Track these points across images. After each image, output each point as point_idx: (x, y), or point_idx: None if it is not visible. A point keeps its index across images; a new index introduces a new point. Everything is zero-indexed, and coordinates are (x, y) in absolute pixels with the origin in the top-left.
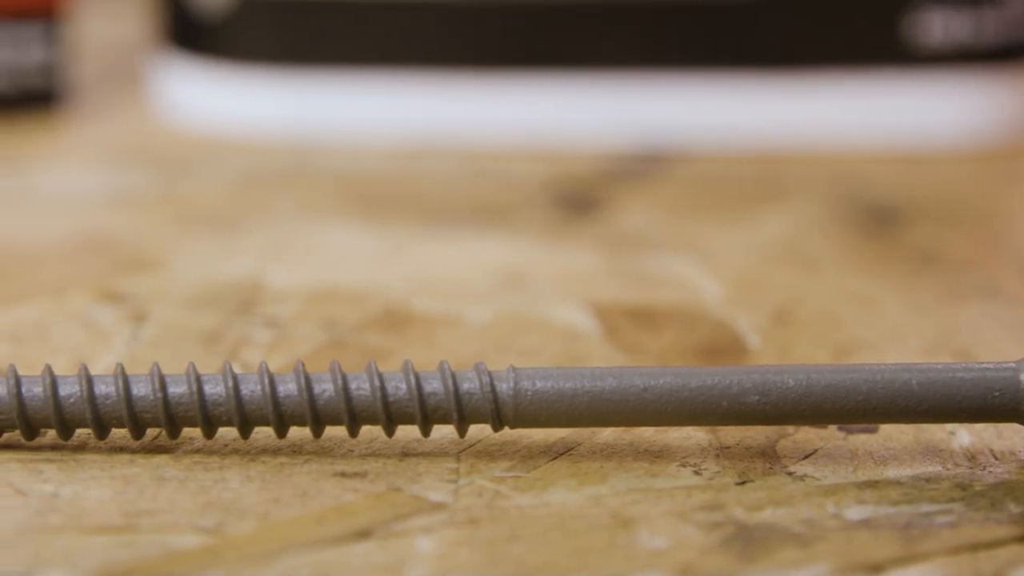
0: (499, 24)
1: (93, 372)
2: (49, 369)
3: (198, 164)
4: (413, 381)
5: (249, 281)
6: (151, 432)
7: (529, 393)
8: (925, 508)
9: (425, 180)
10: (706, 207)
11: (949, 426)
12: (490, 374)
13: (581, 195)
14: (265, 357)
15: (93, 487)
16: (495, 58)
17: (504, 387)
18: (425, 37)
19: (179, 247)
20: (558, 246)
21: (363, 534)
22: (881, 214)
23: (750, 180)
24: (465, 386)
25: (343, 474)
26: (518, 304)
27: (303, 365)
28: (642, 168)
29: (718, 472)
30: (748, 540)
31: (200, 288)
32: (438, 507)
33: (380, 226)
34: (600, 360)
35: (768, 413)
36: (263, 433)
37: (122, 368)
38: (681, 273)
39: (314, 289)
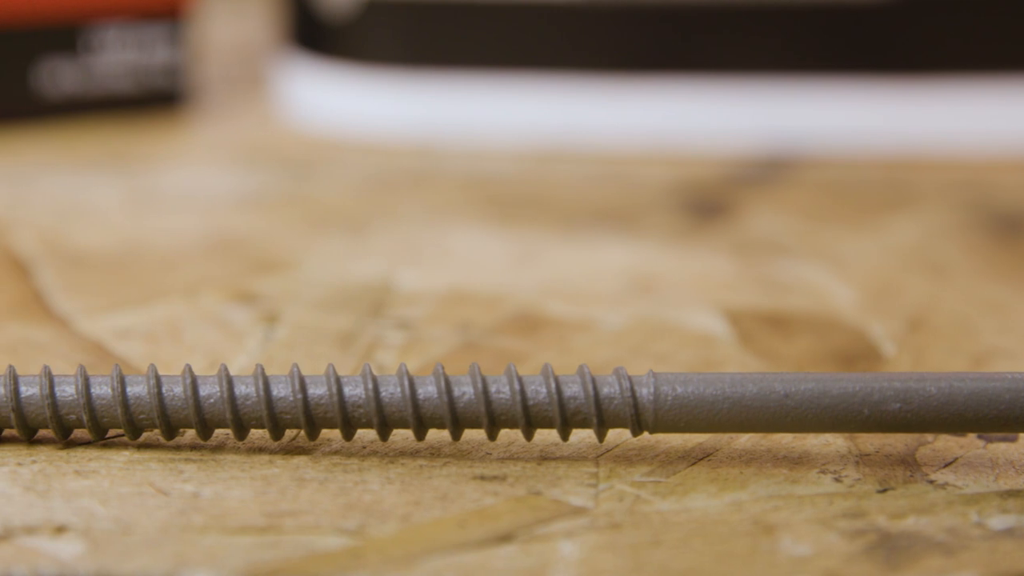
0: (627, 28)
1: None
2: (189, 369)
3: (324, 165)
4: (553, 385)
5: (380, 283)
6: (289, 433)
7: (669, 398)
8: None
9: (553, 183)
10: (836, 213)
11: None
12: (630, 379)
13: (710, 200)
14: (399, 359)
15: (234, 487)
16: (622, 62)
17: (644, 392)
18: (551, 40)
19: (309, 248)
20: (688, 251)
21: (505, 538)
22: (1013, 221)
23: (880, 186)
24: (605, 390)
25: (482, 477)
26: (650, 309)
27: (442, 367)
28: (771, 173)
29: (859, 479)
30: (892, 548)
31: (331, 289)
32: (579, 511)
33: (509, 229)
34: (735, 366)
35: (909, 421)
36: (401, 435)
37: (262, 369)
38: (812, 279)
39: (445, 291)
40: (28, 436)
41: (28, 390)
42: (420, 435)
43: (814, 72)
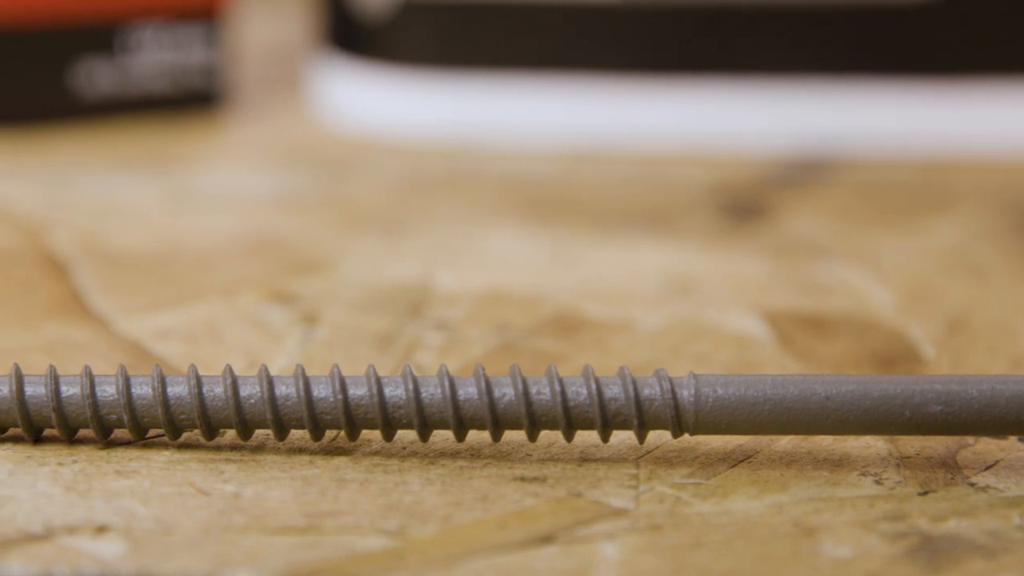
0: (663, 28)
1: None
2: (230, 369)
3: (360, 166)
4: (594, 386)
5: (418, 283)
6: (329, 433)
7: (710, 400)
8: None
9: (589, 184)
10: (873, 214)
11: None
12: (671, 380)
13: (746, 201)
14: (438, 360)
15: (274, 487)
16: (659, 62)
17: (685, 394)
18: (587, 41)
19: (346, 248)
20: (725, 252)
21: (546, 539)
22: None
23: (917, 188)
24: (646, 392)
25: (523, 478)
26: (688, 310)
27: (483, 369)
28: (808, 175)
29: (899, 482)
30: (934, 551)
31: (369, 290)
32: (620, 513)
33: (545, 230)
34: (774, 368)
35: (950, 424)
36: (441, 436)
37: (302, 369)
38: (851, 281)
39: (483, 292)
40: (69, 436)
41: (69, 390)
42: (460, 436)
43: (852, 73)
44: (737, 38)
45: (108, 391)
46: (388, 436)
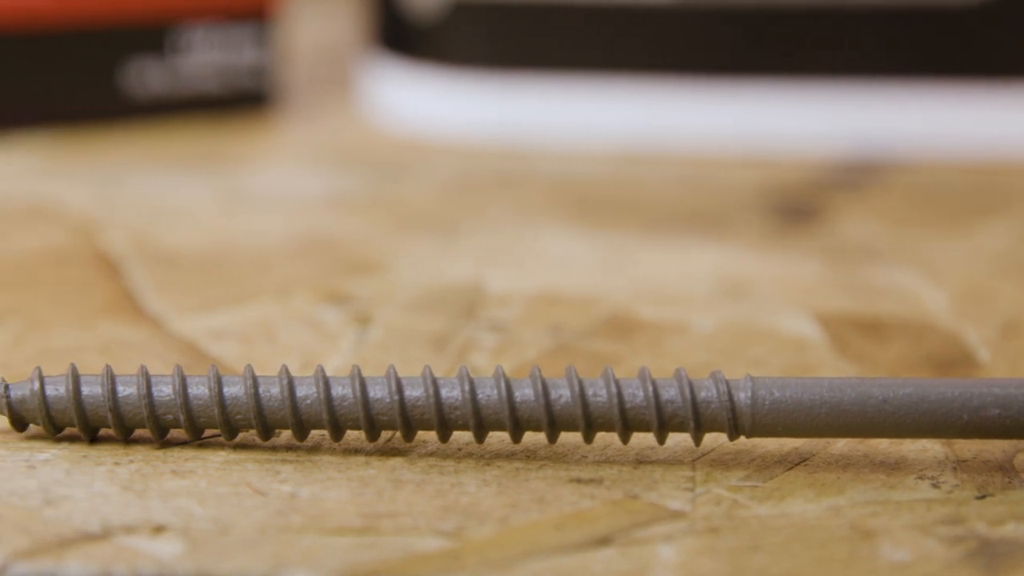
0: (715, 30)
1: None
2: (286, 370)
3: (411, 167)
4: (650, 388)
5: (471, 284)
6: (384, 434)
7: (767, 403)
8: None
9: (640, 186)
10: (926, 217)
11: None
12: (727, 383)
13: (798, 203)
14: (492, 361)
15: (331, 488)
16: (710, 64)
17: (742, 396)
18: (638, 42)
19: (398, 249)
20: (778, 255)
21: (604, 541)
22: None
23: (970, 190)
24: (702, 394)
25: (579, 480)
26: (742, 313)
27: (539, 370)
28: (860, 177)
29: (956, 485)
30: (992, 555)
31: (423, 291)
32: (677, 515)
33: (597, 231)
34: (829, 371)
35: (1008, 427)
36: (496, 437)
37: (358, 370)
38: (905, 284)
39: (536, 294)
40: (125, 436)
41: (125, 390)
42: (516, 438)
43: (904, 75)
44: (789, 40)
45: (165, 391)
46: (444, 437)
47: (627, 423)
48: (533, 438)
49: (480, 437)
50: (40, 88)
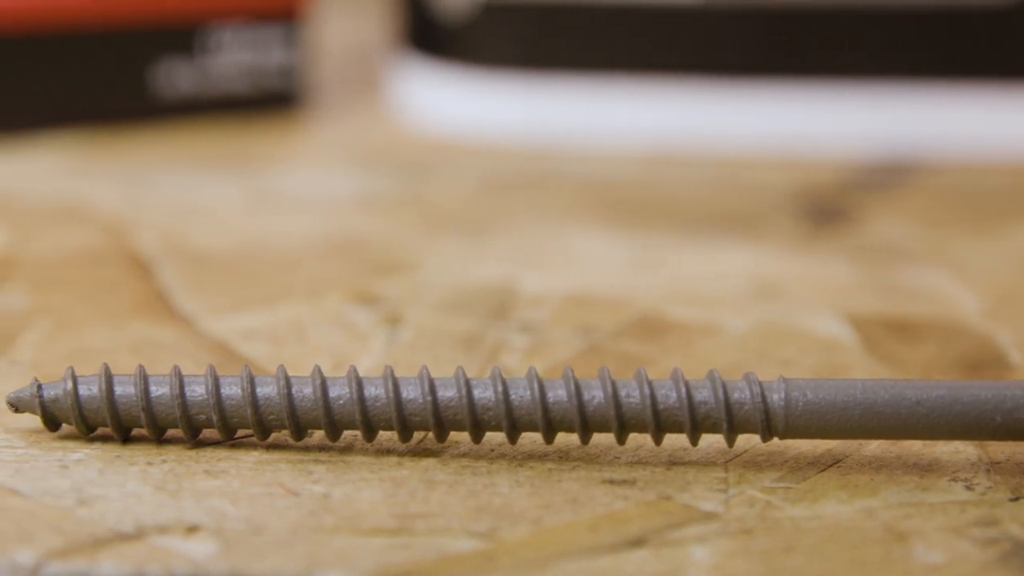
0: (746, 31)
1: None
2: (319, 370)
3: (441, 167)
4: (683, 390)
5: (501, 285)
6: (417, 435)
7: (800, 404)
8: None
9: (671, 187)
10: (958, 219)
11: None
12: (760, 384)
13: (829, 205)
14: (523, 362)
15: (364, 488)
16: (741, 65)
17: (775, 398)
18: (669, 43)
19: (429, 250)
20: (809, 255)
21: (637, 542)
22: None
23: (1002, 191)
24: (736, 396)
25: (612, 481)
26: (774, 314)
27: (572, 371)
28: (891, 178)
29: (990, 487)
30: None
31: (453, 291)
32: (710, 516)
33: (627, 232)
34: (861, 372)
35: None
36: (529, 438)
37: (391, 370)
38: (936, 285)
39: (567, 294)
40: (157, 436)
41: (158, 390)
42: (549, 439)
43: (935, 76)
44: (820, 41)
45: (197, 391)
46: (477, 438)
47: (660, 424)
48: (565, 439)
49: (513, 438)
50: (70, 88)
